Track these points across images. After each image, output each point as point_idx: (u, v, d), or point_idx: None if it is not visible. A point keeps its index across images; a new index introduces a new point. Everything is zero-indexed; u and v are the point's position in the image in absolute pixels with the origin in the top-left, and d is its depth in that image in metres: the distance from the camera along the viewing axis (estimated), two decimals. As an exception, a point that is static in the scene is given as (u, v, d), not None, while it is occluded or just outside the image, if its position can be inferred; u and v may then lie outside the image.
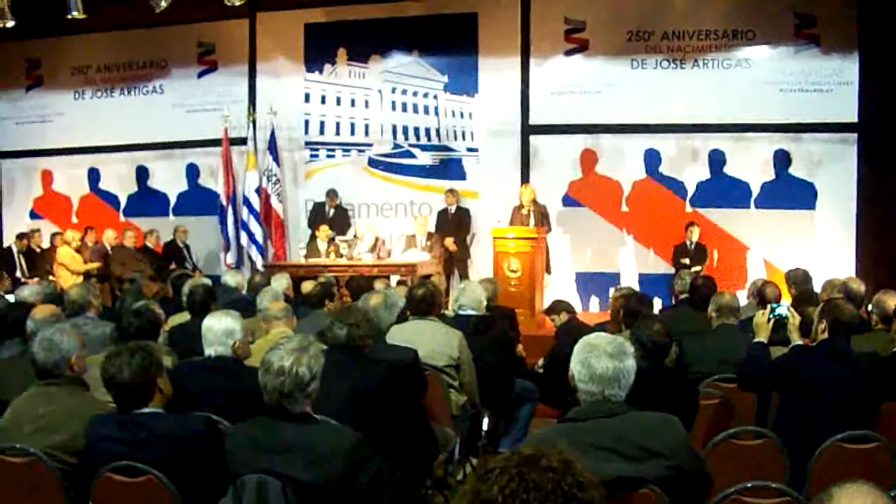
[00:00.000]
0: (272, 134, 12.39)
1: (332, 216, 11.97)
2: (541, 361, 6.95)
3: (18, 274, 11.98)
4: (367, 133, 12.63)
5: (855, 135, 10.93)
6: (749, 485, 2.99)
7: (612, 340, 3.07)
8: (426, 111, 12.43)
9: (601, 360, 2.96)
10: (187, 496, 3.14)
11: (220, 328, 4.17)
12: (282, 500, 2.93)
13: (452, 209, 11.69)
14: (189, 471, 3.18)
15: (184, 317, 6.01)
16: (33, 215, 14.05)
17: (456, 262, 11.48)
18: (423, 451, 4.50)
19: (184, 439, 3.23)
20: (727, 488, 3.01)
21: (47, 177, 14.06)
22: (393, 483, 3.16)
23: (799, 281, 7.21)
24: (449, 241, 11.35)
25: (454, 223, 11.60)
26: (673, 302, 7.86)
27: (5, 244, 13.01)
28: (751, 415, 4.59)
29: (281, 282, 7.73)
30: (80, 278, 11.27)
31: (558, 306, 7.40)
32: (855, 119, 10.90)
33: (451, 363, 5.18)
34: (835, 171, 11.00)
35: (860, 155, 10.89)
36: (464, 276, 11.14)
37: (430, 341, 5.15)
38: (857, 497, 1.65)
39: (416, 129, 12.47)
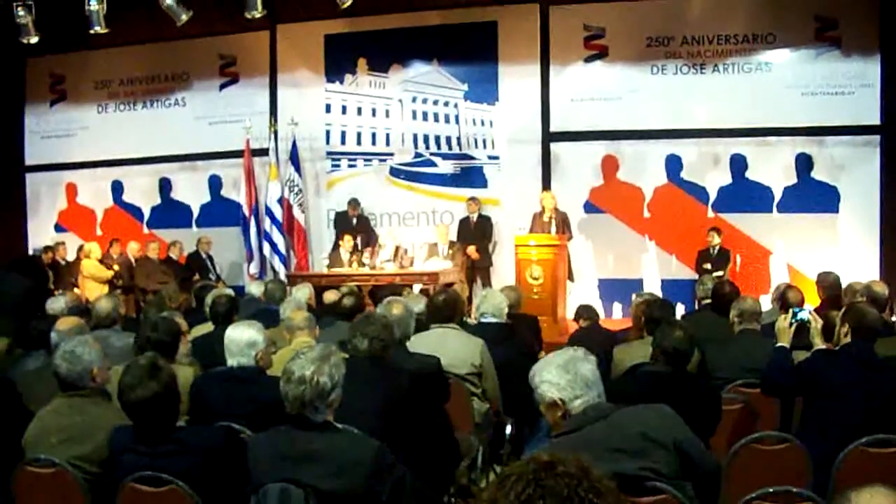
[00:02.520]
0: (294, 144, 12.46)
1: (355, 225, 12.00)
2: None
3: (44, 286, 12.07)
4: (388, 142, 12.67)
5: (878, 137, 10.87)
6: (771, 490, 2.98)
7: (574, 349, 3.12)
8: (447, 120, 12.45)
9: (584, 364, 3.02)
10: (210, 506, 3.16)
11: (242, 339, 4.20)
12: (304, 510, 2.94)
13: (474, 217, 11.69)
14: (211, 481, 3.20)
15: (207, 327, 6.04)
16: (58, 228, 14.17)
17: (478, 270, 11.49)
18: (446, 459, 4.50)
19: (205, 450, 3.25)
20: (750, 493, 3.00)
21: (72, 190, 14.19)
22: (414, 491, 3.17)
23: (828, 285, 7.18)
24: (471, 250, 11.35)
25: (476, 231, 11.61)
26: (696, 307, 7.83)
27: (31, 257, 13.13)
28: (774, 420, 4.56)
29: (304, 292, 7.77)
30: (106, 287, 11.36)
31: (582, 312, 7.41)
32: (877, 121, 10.83)
33: (474, 371, 5.17)
34: (858, 174, 10.93)
35: (883, 157, 10.82)
36: (486, 283, 11.15)
37: (452, 349, 5.15)
38: (875, 501, 1.64)
39: (437, 138, 12.49)
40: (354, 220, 12.09)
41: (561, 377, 3.00)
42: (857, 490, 1.68)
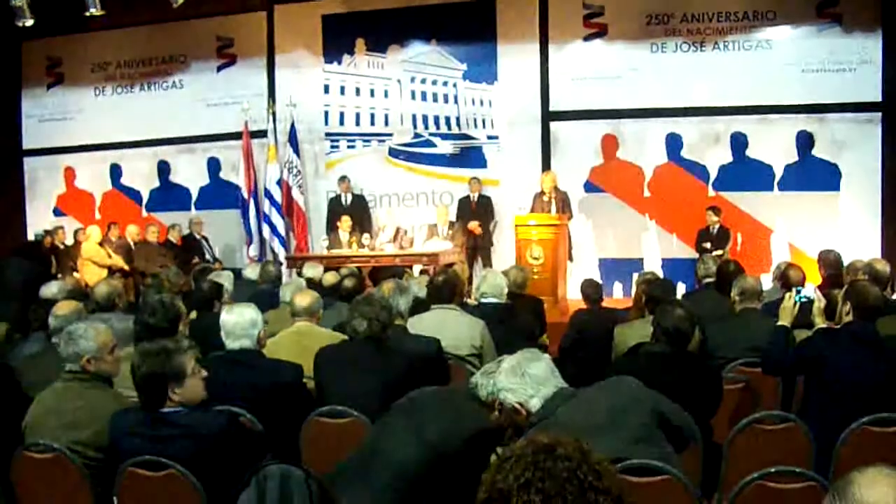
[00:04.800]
0: (292, 126, 12.42)
1: (349, 204, 11.99)
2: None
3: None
4: (387, 123, 12.62)
5: (879, 114, 10.80)
6: (773, 470, 2.97)
7: (523, 351, 3.17)
8: (446, 100, 12.40)
9: (532, 363, 3.06)
10: (211, 490, 3.14)
11: (245, 320, 4.16)
12: (304, 491, 2.92)
13: (475, 197, 11.66)
14: (212, 466, 3.19)
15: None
16: (57, 212, 14.16)
17: (479, 251, 11.46)
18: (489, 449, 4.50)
19: (206, 435, 3.24)
20: (752, 473, 2.98)
21: (70, 174, 14.16)
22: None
23: (829, 263, 7.15)
24: (473, 225, 11.32)
25: (477, 211, 11.57)
26: (696, 287, 7.80)
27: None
28: (775, 399, 4.55)
29: (315, 272, 7.84)
30: (106, 271, 11.34)
31: (588, 291, 7.31)
32: (879, 98, 10.76)
33: (474, 352, 5.16)
34: (859, 151, 10.87)
35: (884, 134, 10.76)
36: (487, 264, 11.12)
37: (452, 331, 5.14)
38: (878, 481, 1.62)
39: (436, 118, 12.44)
40: (349, 197, 12.09)
41: (511, 381, 3.05)
42: (860, 471, 1.66)
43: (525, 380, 3.00)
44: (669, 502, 2.90)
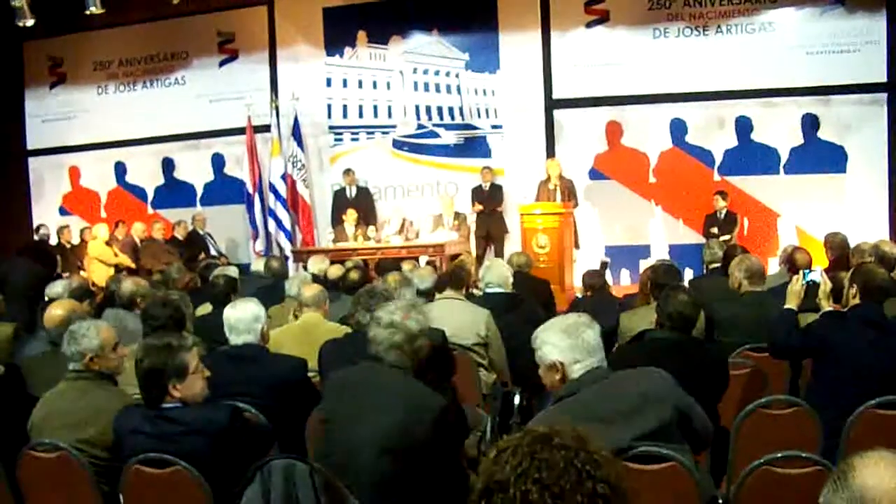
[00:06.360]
0: (295, 120, 12.41)
1: (354, 196, 11.99)
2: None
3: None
4: (390, 115, 12.61)
5: (885, 95, 10.75)
6: (780, 455, 2.95)
7: (578, 315, 3.15)
8: (448, 90, 12.37)
9: (588, 330, 3.02)
10: (216, 486, 3.14)
11: (248, 316, 4.16)
12: (309, 485, 2.92)
13: (487, 186, 11.61)
14: (217, 462, 3.18)
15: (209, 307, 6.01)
16: (62, 212, 14.16)
17: (493, 240, 11.40)
18: (454, 433, 4.48)
19: (210, 432, 3.23)
20: (759, 458, 2.96)
21: (75, 173, 14.18)
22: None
23: (835, 246, 7.12)
24: (478, 207, 11.32)
25: (489, 200, 11.51)
26: (704, 272, 7.78)
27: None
28: (783, 383, 4.52)
29: (319, 265, 7.82)
30: (112, 270, 11.35)
31: (588, 281, 7.32)
32: (884, 79, 10.71)
33: (480, 342, 5.16)
34: (865, 132, 10.82)
35: (890, 115, 10.71)
36: (499, 253, 11.07)
37: (458, 320, 5.13)
38: (880, 466, 1.60)
39: (440, 109, 12.42)
40: (354, 190, 12.09)
41: (563, 340, 3.00)
42: (861, 456, 1.63)
43: (577, 342, 2.98)
44: (678, 489, 2.89)
